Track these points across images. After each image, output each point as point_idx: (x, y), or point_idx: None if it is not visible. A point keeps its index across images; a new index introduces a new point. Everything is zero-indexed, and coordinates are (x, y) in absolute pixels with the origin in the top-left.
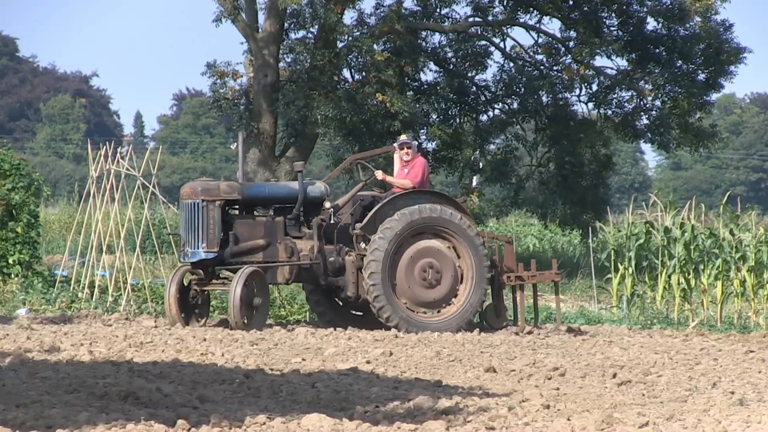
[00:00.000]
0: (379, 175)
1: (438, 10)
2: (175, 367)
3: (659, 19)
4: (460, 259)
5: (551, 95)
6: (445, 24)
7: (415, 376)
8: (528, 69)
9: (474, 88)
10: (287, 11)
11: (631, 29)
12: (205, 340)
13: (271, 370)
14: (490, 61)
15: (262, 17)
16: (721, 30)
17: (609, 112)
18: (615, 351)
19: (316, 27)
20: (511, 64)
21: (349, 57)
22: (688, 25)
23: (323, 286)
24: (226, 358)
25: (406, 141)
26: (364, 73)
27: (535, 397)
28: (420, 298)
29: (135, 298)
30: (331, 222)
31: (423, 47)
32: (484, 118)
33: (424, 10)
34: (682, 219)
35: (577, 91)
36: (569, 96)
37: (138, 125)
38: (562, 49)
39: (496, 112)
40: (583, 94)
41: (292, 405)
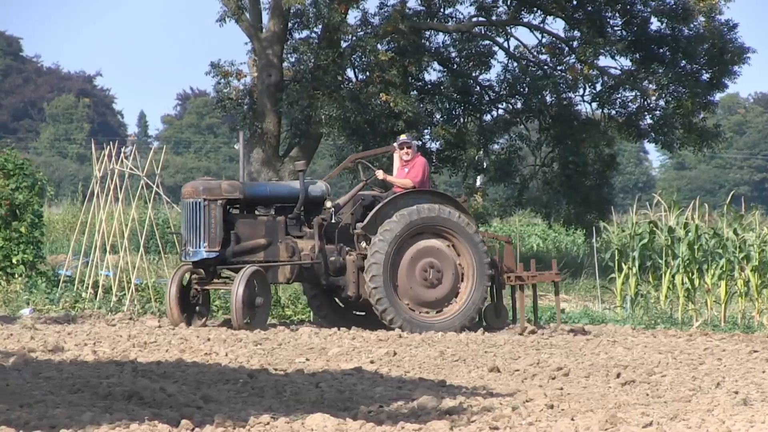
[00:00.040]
0: (379, 174)
1: (442, 10)
2: (179, 367)
3: (663, 19)
4: (460, 257)
5: (555, 95)
6: (449, 24)
7: (419, 376)
8: (532, 69)
9: (478, 88)
10: (291, 11)
11: (635, 29)
12: (209, 339)
13: (275, 369)
14: (493, 60)
15: (265, 17)
16: (725, 30)
17: (613, 112)
18: (619, 351)
19: (320, 27)
20: (514, 64)
21: (353, 57)
22: (692, 25)
23: (324, 286)
24: (230, 358)
25: (405, 141)
26: (367, 73)
27: (539, 397)
28: (422, 298)
29: (139, 297)
30: (332, 221)
31: (427, 47)
32: (487, 117)
33: (427, 10)
34: (686, 219)
35: (580, 90)
36: (573, 96)
37: (142, 125)
38: (566, 48)
39: (500, 111)
40: (586, 93)
41: (296, 405)
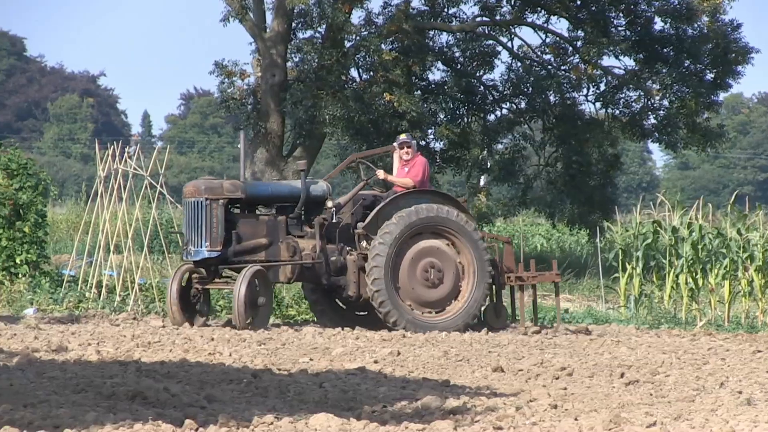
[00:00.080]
0: (380, 174)
1: (446, 10)
2: (183, 367)
3: (667, 19)
4: (460, 255)
5: (559, 95)
6: (453, 23)
7: (422, 375)
8: (536, 69)
9: (482, 88)
10: (295, 11)
11: (638, 29)
12: (212, 339)
13: (279, 369)
14: (497, 60)
15: (269, 17)
16: (728, 30)
17: (617, 112)
18: (623, 351)
19: (324, 26)
20: (518, 64)
21: (357, 56)
22: (696, 25)
23: (325, 286)
24: (233, 358)
25: (405, 140)
26: (371, 73)
27: (543, 397)
28: (424, 299)
29: (143, 297)
30: (333, 221)
31: (431, 47)
32: (491, 117)
33: (431, 10)
34: (690, 219)
35: (584, 90)
36: (577, 96)
37: (146, 125)
38: (570, 48)
39: (504, 111)
40: (590, 93)
41: (300, 405)
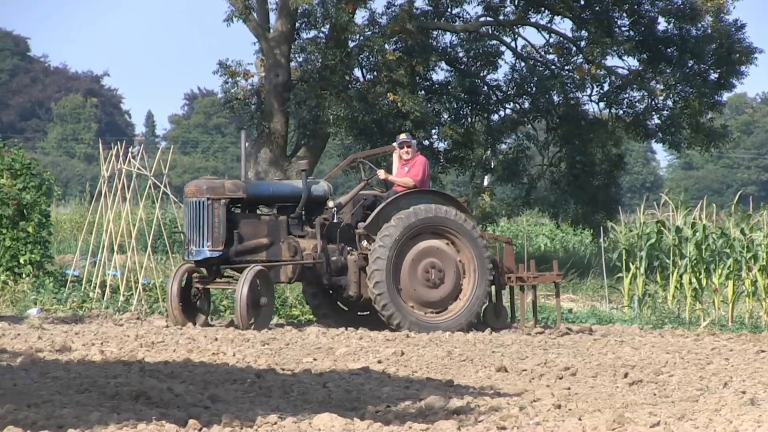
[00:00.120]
0: (381, 174)
1: (449, 10)
2: (187, 367)
3: (671, 19)
4: (460, 254)
5: (562, 95)
6: (457, 23)
7: (426, 375)
8: (539, 69)
9: (485, 88)
10: (298, 11)
11: (642, 29)
12: (216, 339)
13: (283, 369)
14: (501, 60)
15: (273, 17)
16: (732, 30)
17: (620, 112)
18: (626, 351)
19: (328, 26)
20: (522, 64)
21: (361, 56)
22: (700, 25)
23: (326, 286)
24: (237, 358)
25: (405, 140)
26: (375, 73)
27: (547, 397)
28: (426, 299)
29: (146, 297)
30: (334, 221)
31: (434, 47)
32: (495, 117)
33: (435, 10)
34: (694, 219)
35: (588, 90)
36: (580, 96)
37: (149, 125)
38: (574, 48)
39: (508, 111)
40: (594, 93)
41: (304, 405)
